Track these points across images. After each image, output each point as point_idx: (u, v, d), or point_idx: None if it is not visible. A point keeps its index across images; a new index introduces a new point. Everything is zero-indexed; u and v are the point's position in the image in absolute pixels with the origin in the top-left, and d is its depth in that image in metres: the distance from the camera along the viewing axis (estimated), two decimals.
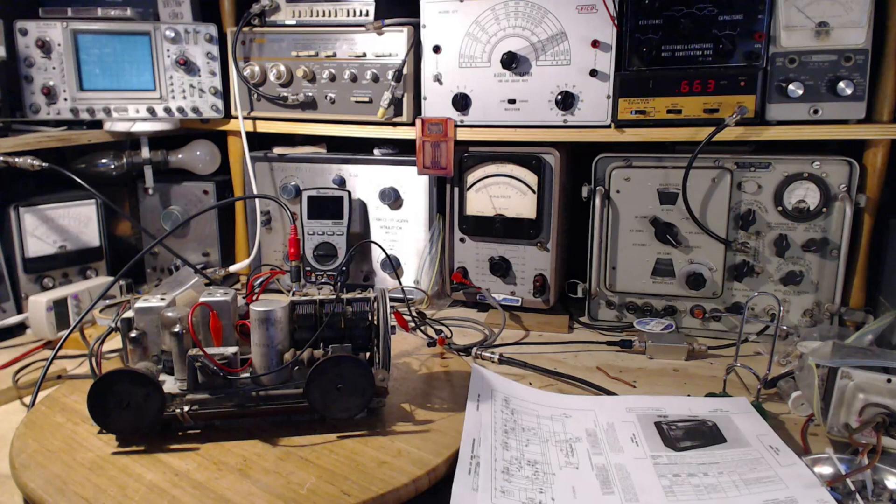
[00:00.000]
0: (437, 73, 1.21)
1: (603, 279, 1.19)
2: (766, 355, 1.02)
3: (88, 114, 1.29)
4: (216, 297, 0.84)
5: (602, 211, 1.15)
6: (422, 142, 1.23)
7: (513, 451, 0.76)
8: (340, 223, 1.28)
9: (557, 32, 1.13)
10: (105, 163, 1.34)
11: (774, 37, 1.05)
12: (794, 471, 0.71)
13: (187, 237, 1.42)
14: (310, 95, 1.29)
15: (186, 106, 1.33)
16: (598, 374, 1.01)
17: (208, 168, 1.42)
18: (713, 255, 1.13)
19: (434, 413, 0.83)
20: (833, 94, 1.03)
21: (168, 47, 1.30)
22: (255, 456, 0.73)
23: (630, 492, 0.69)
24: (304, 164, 1.34)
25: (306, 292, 0.89)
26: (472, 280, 1.28)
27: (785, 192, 1.08)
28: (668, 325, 1.14)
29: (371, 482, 0.68)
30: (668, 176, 1.13)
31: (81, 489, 0.66)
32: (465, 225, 1.26)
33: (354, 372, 0.77)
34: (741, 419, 0.83)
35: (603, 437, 0.80)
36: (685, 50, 1.08)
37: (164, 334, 0.80)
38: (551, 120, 1.17)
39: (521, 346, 1.12)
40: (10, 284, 1.17)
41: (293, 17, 1.29)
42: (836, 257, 1.08)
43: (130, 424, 0.74)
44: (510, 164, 1.21)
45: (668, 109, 1.10)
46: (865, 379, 0.74)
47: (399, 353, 1.01)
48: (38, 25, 1.24)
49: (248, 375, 0.79)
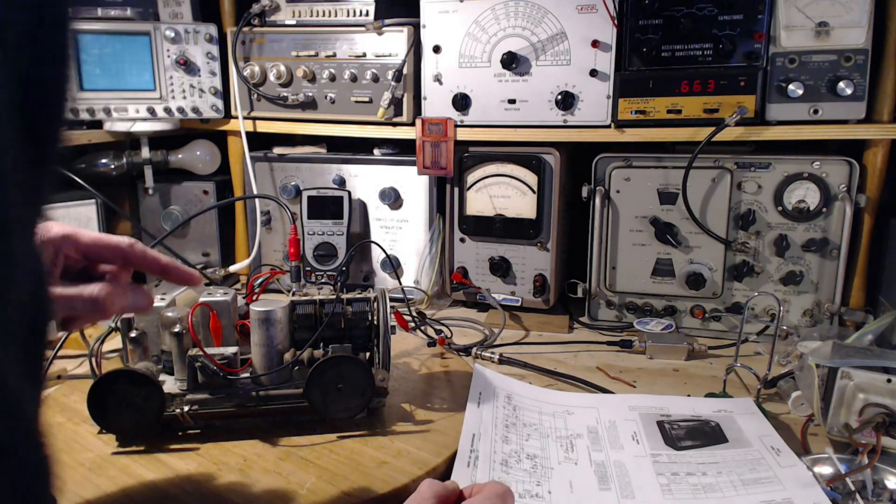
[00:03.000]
0: (437, 73, 1.21)
1: (603, 279, 1.19)
2: (766, 355, 1.02)
3: (88, 114, 1.29)
4: (216, 297, 0.84)
5: (602, 211, 1.15)
6: (422, 142, 1.23)
7: (512, 444, 0.76)
8: (340, 223, 1.28)
9: (557, 32, 1.13)
10: (105, 163, 1.34)
11: (774, 37, 1.04)
12: (794, 472, 0.71)
13: (187, 237, 1.42)
14: (310, 95, 1.29)
15: (186, 106, 1.33)
16: (598, 374, 1.01)
17: (208, 168, 1.42)
18: (713, 255, 1.13)
19: (434, 413, 0.83)
20: (833, 94, 1.03)
21: (168, 47, 1.30)
22: (255, 456, 0.73)
23: (627, 488, 0.70)
24: (304, 164, 1.34)
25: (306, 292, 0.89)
26: (472, 280, 1.28)
27: (785, 192, 1.08)
28: (668, 325, 1.14)
29: (371, 482, 0.68)
30: (668, 176, 1.13)
31: (81, 489, 0.66)
32: (465, 225, 1.26)
33: (354, 372, 0.77)
34: (744, 420, 0.83)
35: (604, 435, 0.80)
36: (685, 50, 1.08)
37: (164, 334, 0.81)
38: (551, 120, 1.17)
39: (521, 346, 1.12)
40: None
41: (293, 17, 1.29)
42: (836, 257, 1.08)
43: (130, 424, 0.74)
44: (510, 164, 1.21)
45: (668, 109, 1.10)
46: (865, 379, 0.74)
47: (399, 353, 1.01)
48: None
49: (248, 375, 0.80)
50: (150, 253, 0.64)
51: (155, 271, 0.65)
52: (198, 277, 0.68)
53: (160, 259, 0.65)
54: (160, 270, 0.65)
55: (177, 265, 0.66)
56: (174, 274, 0.66)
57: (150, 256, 0.64)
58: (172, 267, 0.66)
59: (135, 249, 0.63)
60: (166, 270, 0.65)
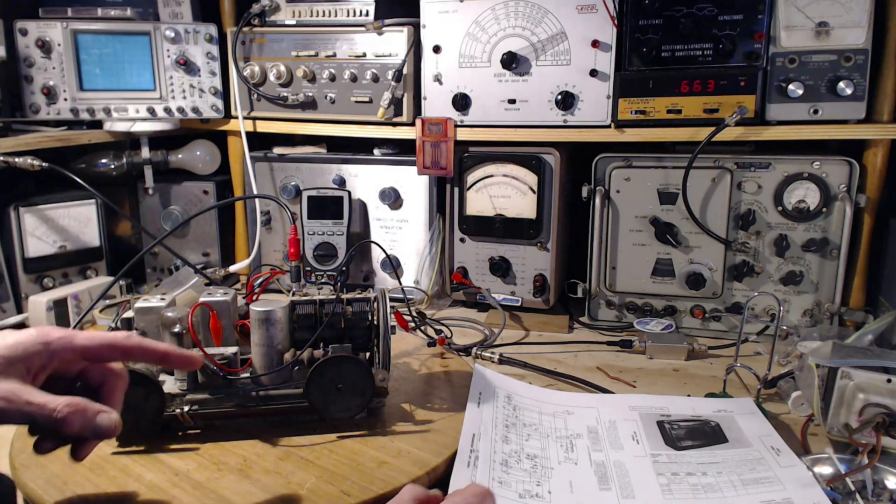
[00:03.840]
0: (437, 73, 1.21)
1: (603, 279, 1.19)
2: (766, 355, 1.02)
3: (88, 114, 1.29)
4: (216, 297, 0.84)
5: (602, 211, 1.15)
6: (422, 142, 1.23)
7: (513, 444, 0.76)
8: (340, 223, 1.28)
9: (557, 32, 1.13)
10: (105, 163, 1.34)
11: (774, 37, 1.04)
12: (794, 472, 0.71)
13: (187, 237, 1.42)
14: (310, 95, 1.29)
15: (186, 106, 1.33)
16: (598, 374, 1.01)
17: (208, 168, 1.42)
18: (713, 255, 1.13)
19: (434, 413, 0.83)
20: (833, 94, 1.03)
21: (168, 47, 1.30)
22: (255, 456, 0.73)
23: (627, 488, 0.70)
24: (304, 164, 1.34)
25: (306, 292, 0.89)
26: (472, 280, 1.28)
27: (785, 192, 1.08)
28: (668, 325, 1.14)
29: (371, 482, 0.68)
30: (668, 176, 1.13)
31: (81, 489, 0.66)
32: (465, 225, 1.26)
33: (354, 372, 0.77)
34: (745, 420, 0.83)
35: (604, 435, 0.80)
36: (685, 50, 1.08)
37: (164, 334, 0.80)
38: (551, 120, 1.17)
39: (521, 346, 1.12)
40: (10, 284, 1.17)
41: (293, 17, 1.29)
42: (836, 257, 1.07)
43: (130, 424, 0.74)
44: (510, 164, 1.20)
45: (668, 109, 1.10)
46: (865, 379, 0.74)
47: (399, 353, 1.01)
48: (38, 25, 1.24)
49: (248, 375, 0.80)
50: (147, 343, 0.65)
51: (154, 360, 0.66)
52: (198, 360, 0.68)
53: (158, 347, 0.66)
54: (159, 359, 0.66)
55: (175, 350, 0.67)
56: (173, 358, 0.67)
57: (148, 346, 0.65)
58: (171, 353, 0.66)
59: (131, 342, 0.63)
60: (166, 357, 0.66)
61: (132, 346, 0.63)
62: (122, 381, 0.64)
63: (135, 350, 0.64)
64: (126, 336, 0.63)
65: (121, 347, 0.63)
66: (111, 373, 0.64)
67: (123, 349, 0.63)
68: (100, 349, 0.62)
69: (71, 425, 0.55)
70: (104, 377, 0.63)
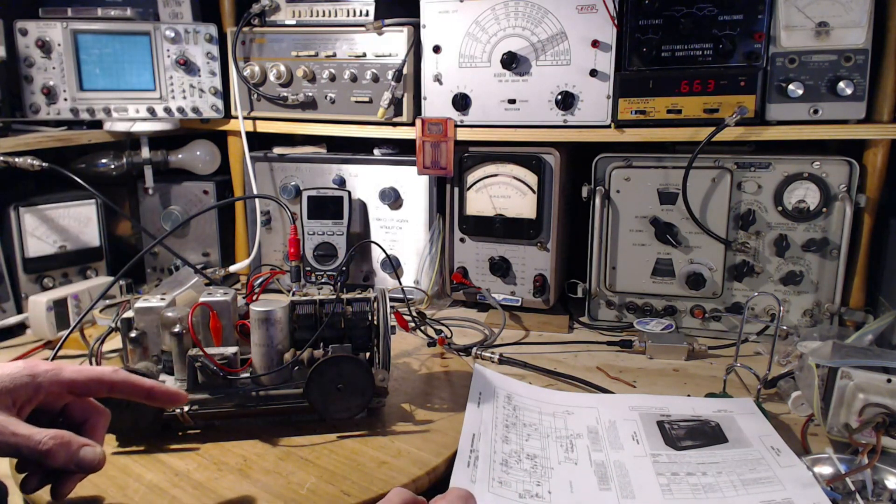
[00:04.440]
0: (437, 73, 1.21)
1: (603, 279, 1.19)
2: (766, 355, 1.02)
3: (88, 114, 1.29)
4: (216, 297, 0.84)
5: (602, 211, 1.15)
6: (422, 142, 1.23)
7: (512, 444, 0.76)
8: (340, 223, 1.28)
9: (557, 32, 1.13)
10: (105, 163, 1.34)
11: (774, 37, 1.04)
12: (794, 472, 0.71)
13: (187, 237, 1.42)
14: (310, 95, 1.29)
15: (186, 106, 1.33)
16: (598, 374, 1.01)
17: (208, 168, 1.42)
18: (713, 255, 1.13)
19: (434, 413, 0.83)
20: (833, 94, 1.03)
21: (168, 47, 1.30)
22: (255, 456, 0.73)
23: (627, 488, 0.70)
24: (304, 164, 1.34)
25: (306, 292, 0.89)
26: (472, 280, 1.28)
27: (785, 192, 1.08)
28: (668, 325, 1.14)
29: (371, 482, 0.68)
30: (668, 176, 1.13)
31: (81, 489, 0.66)
32: (465, 225, 1.26)
33: (354, 372, 0.77)
34: (745, 420, 0.83)
35: (604, 435, 0.80)
36: (685, 50, 1.08)
37: (164, 334, 0.80)
38: (551, 120, 1.17)
39: (521, 346, 1.12)
40: (10, 284, 1.17)
41: (293, 17, 1.29)
42: (836, 257, 1.07)
43: (130, 424, 0.74)
44: (510, 164, 1.20)
45: (668, 109, 1.10)
46: (865, 379, 0.74)
47: (399, 353, 1.01)
48: (38, 25, 1.24)
49: (248, 375, 0.80)
50: (134, 379, 0.66)
51: (140, 396, 0.67)
52: (182, 396, 0.70)
53: (144, 384, 0.66)
54: (145, 394, 0.67)
55: (161, 387, 0.68)
56: (159, 394, 0.68)
57: (135, 382, 0.66)
58: (157, 389, 0.67)
59: (118, 376, 0.65)
60: (151, 394, 0.67)
61: (119, 380, 0.64)
62: (104, 418, 0.65)
63: (121, 385, 0.65)
64: (113, 371, 0.65)
65: (108, 382, 0.64)
66: (94, 409, 0.65)
67: (110, 384, 0.64)
68: (87, 383, 0.63)
69: (55, 457, 0.56)
70: (87, 413, 0.64)
